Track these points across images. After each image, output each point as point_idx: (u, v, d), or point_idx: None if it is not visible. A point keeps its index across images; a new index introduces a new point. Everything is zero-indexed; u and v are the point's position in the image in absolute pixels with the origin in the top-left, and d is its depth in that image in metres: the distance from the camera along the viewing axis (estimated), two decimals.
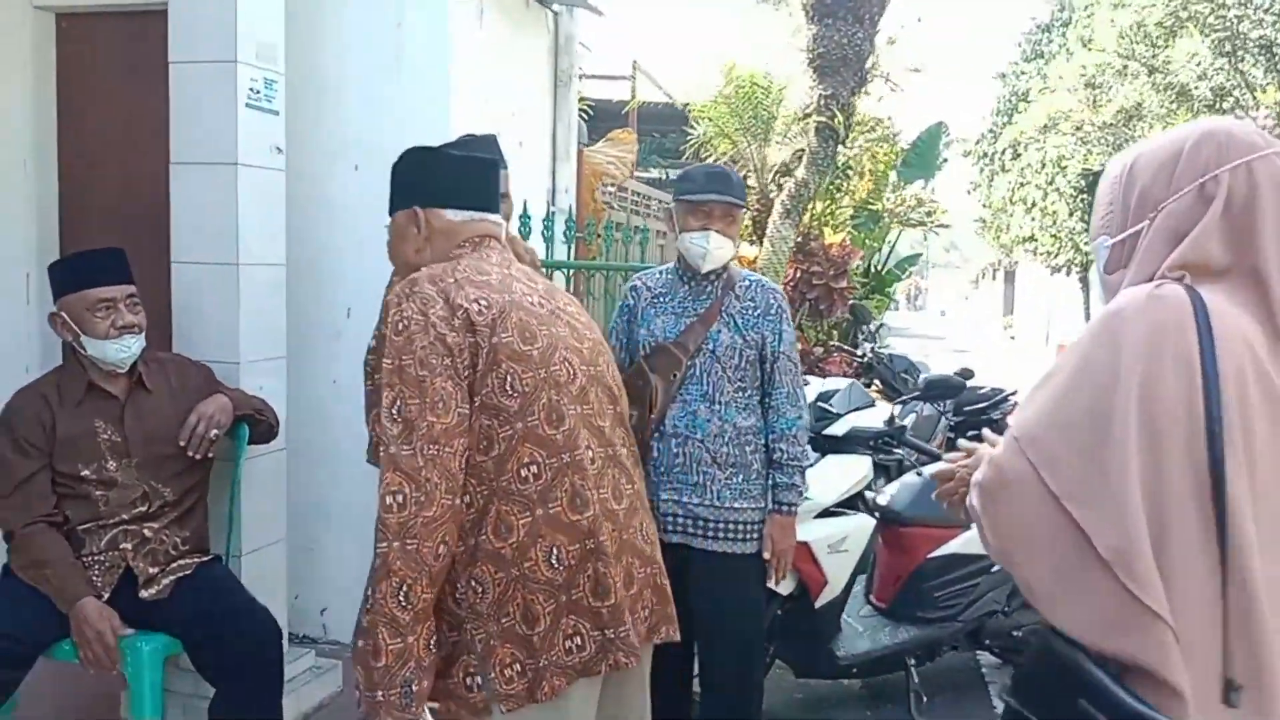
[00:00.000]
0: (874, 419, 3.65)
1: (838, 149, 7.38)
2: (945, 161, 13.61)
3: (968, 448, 1.65)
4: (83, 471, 2.57)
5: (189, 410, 2.65)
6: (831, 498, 3.34)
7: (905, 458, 4.15)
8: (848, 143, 8.02)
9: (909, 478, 3.80)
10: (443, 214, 1.92)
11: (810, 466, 2.94)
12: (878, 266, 11.51)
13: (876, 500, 3.63)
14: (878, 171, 10.67)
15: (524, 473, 1.74)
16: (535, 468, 1.74)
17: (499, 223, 2.00)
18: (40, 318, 3.40)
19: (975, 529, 1.46)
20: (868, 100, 8.14)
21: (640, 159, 6.66)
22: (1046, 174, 22.02)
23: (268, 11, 2.97)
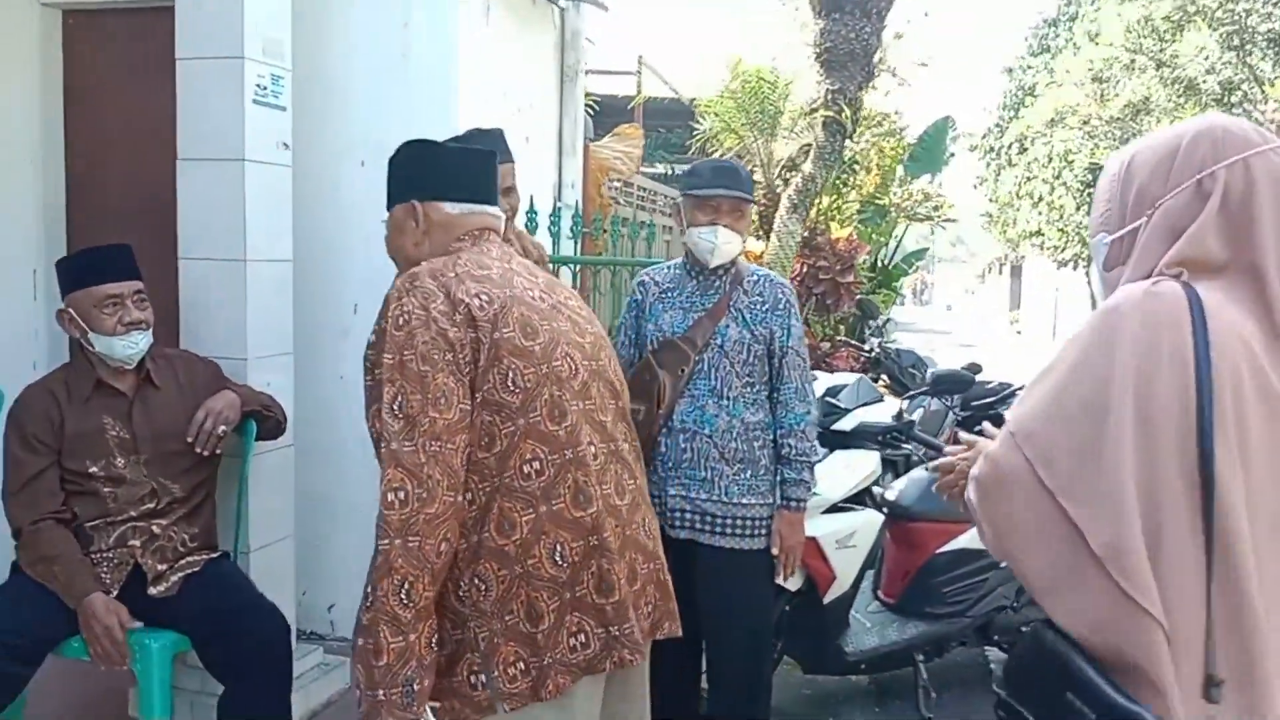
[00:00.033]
0: (882, 414, 3.64)
1: (845, 144, 7.36)
2: (952, 156, 13.55)
3: (968, 440, 1.65)
4: (91, 468, 2.57)
5: (197, 407, 2.65)
6: (839, 493, 3.33)
7: (913, 453, 4.14)
8: (855, 137, 7.99)
9: (917, 473, 3.79)
10: (441, 207, 1.90)
11: (818, 462, 2.94)
12: (884, 261, 11.48)
13: (884, 495, 3.62)
14: (885, 166, 10.63)
15: (526, 469, 1.72)
16: (538, 464, 1.73)
17: (498, 215, 1.98)
18: (48, 314, 3.40)
19: None
20: (874, 95, 8.11)
21: (646, 154, 6.64)
22: (1053, 168, 21.95)
23: (275, 7, 2.97)
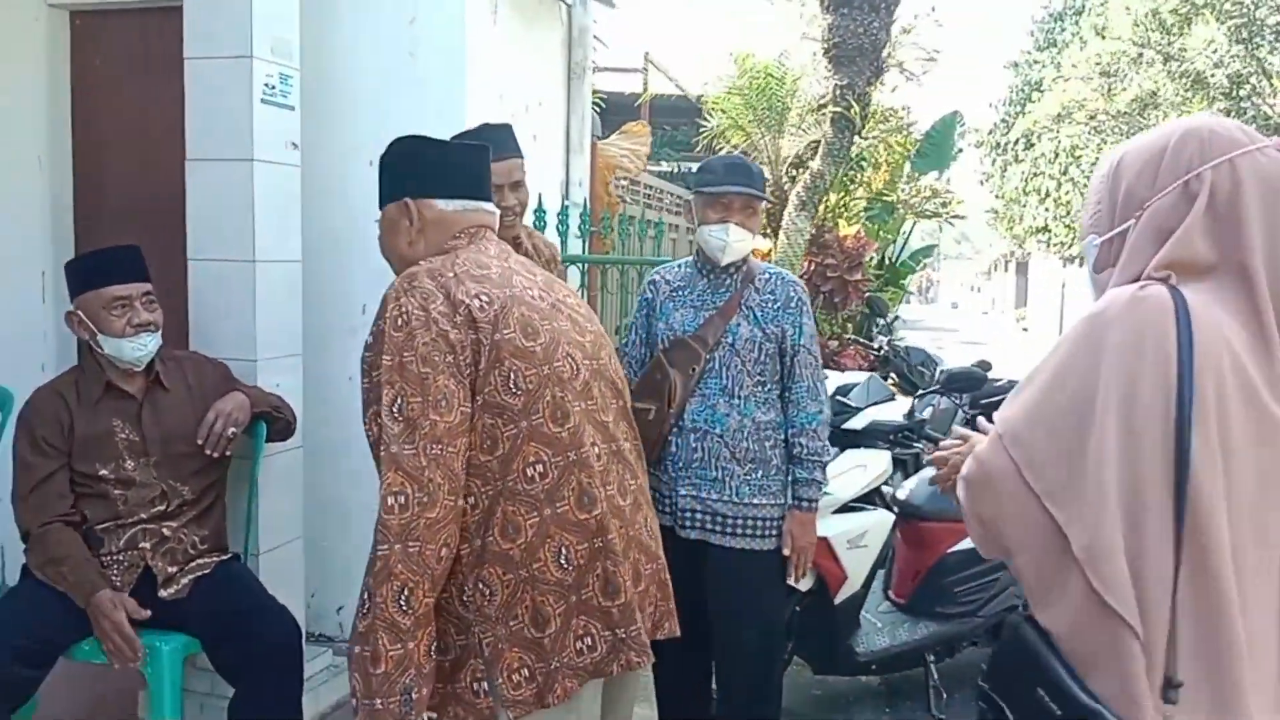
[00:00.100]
0: (893, 413, 3.62)
1: (853, 140, 7.34)
2: (960, 152, 13.50)
3: (962, 434, 1.66)
4: (101, 471, 2.57)
5: (206, 408, 2.65)
6: (850, 493, 3.32)
7: (923, 452, 4.12)
8: (863, 133, 7.96)
9: (927, 472, 3.77)
10: (434, 204, 1.87)
11: (829, 461, 2.92)
12: (892, 258, 11.45)
13: (895, 495, 3.60)
14: (893, 162, 10.60)
15: (530, 472, 1.70)
16: (541, 466, 1.71)
17: (493, 211, 1.96)
18: (56, 316, 3.40)
19: None
20: (881, 90, 8.08)
21: (652, 152, 6.61)
22: (1060, 164, 21.88)
23: (283, 6, 2.96)
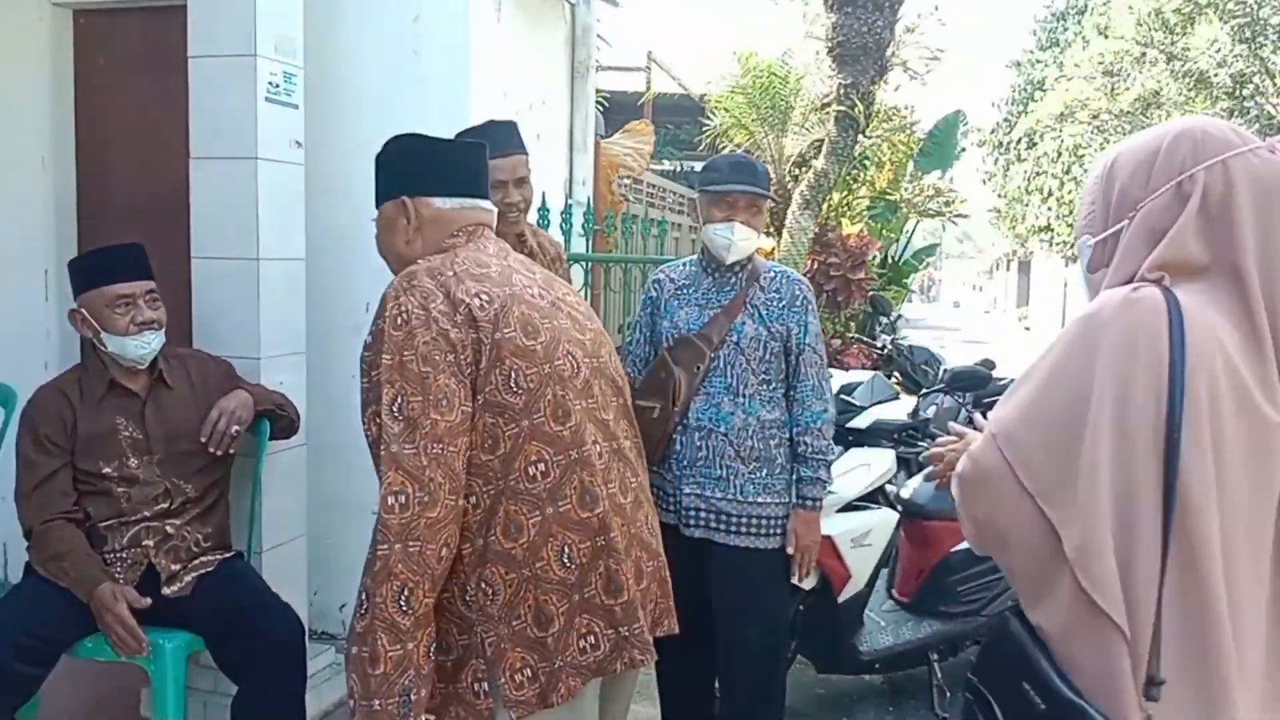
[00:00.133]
0: (898, 412, 3.62)
1: (857, 138, 7.33)
2: (963, 151, 13.48)
3: (958, 431, 1.67)
4: (104, 469, 2.57)
5: (210, 407, 2.65)
6: (854, 491, 3.31)
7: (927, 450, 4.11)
8: (867, 132, 7.95)
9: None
10: (431, 202, 1.87)
11: (834, 460, 2.91)
12: (894, 257, 11.43)
13: (899, 494, 3.60)
14: (897, 161, 10.58)
15: (532, 471, 1.70)
16: (543, 465, 1.71)
17: (490, 209, 1.95)
18: (59, 314, 3.40)
19: None
20: (885, 89, 8.06)
21: (654, 151, 6.60)
22: (1063, 163, 21.89)
23: (286, 4, 2.95)
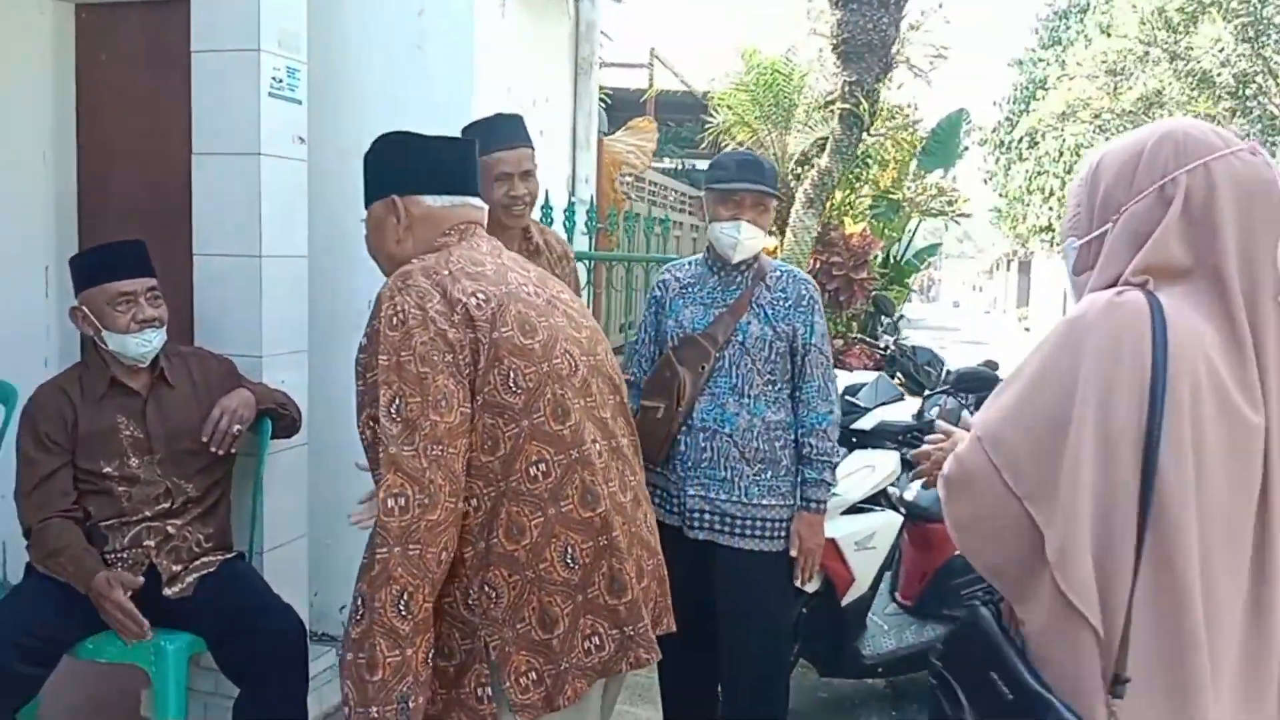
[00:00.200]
0: (902, 413, 3.59)
1: (861, 137, 7.30)
2: (966, 150, 13.46)
3: (945, 429, 1.67)
4: (105, 468, 2.55)
5: (211, 405, 2.63)
6: (859, 494, 3.29)
7: None
8: (871, 131, 7.92)
9: None
10: (421, 200, 1.85)
11: (839, 462, 2.89)
12: (896, 257, 11.40)
13: (902, 496, 3.57)
14: (901, 159, 10.55)
15: (533, 471, 1.68)
16: (544, 465, 1.69)
17: (481, 207, 1.93)
18: (59, 311, 3.37)
19: None
20: (889, 88, 8.04)
21: (657, 149, 6.58)
22: (1065, 163, 21.85)
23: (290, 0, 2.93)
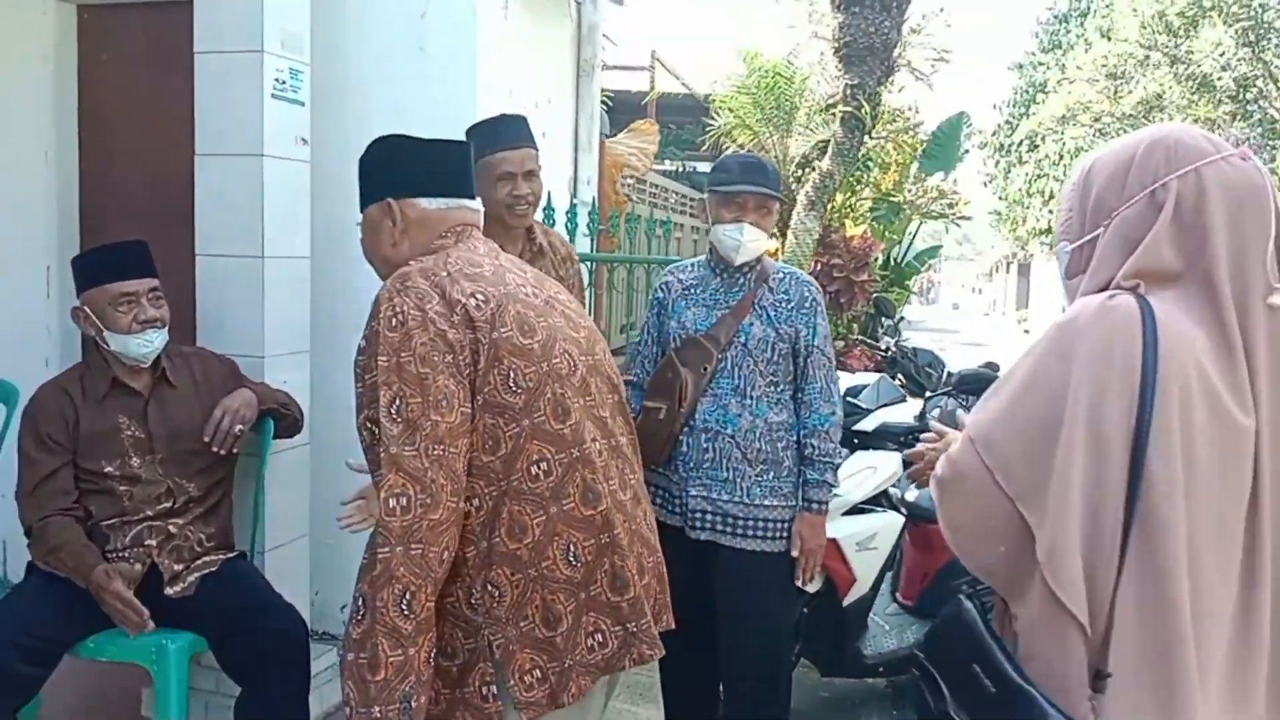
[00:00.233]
0: (904, 415, 3.60)
1: (863, 139, 7.31)
2: (967, 153, 13.47)
3: (938, 430, 1.67)
4: (106, 468, 2.55)
5: (213, 405, 2.63)
6: (860, 494, 3.29)
7: None
8: (872, 133, 7.93)
9: None
10: (417, 204, 1.85)
11: (840, 464, 2.89)
12: (897, 259, 11.40)
13: (904, 497, 3.58)
14: (901, 162, 10.56)
15: (534, 470, 1.69)
16: (545, 465, 1.69)
17: (477, 209, 1.93)
18: (61, 311, 3.38)
19: None
20: (890, 91, 8.05)
21: (658, 151, 6.58)
22: (1064, 166, 21.85)
23: (293, 1, 2.94)
